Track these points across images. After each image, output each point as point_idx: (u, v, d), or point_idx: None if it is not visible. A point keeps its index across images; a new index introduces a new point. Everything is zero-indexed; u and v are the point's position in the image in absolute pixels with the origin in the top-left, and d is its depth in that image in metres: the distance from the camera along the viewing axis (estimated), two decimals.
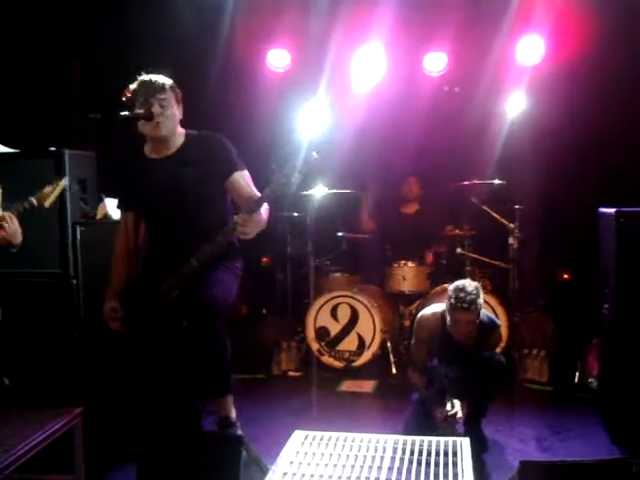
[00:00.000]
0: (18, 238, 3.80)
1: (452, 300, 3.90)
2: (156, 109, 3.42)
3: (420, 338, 4.19)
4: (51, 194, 3.80)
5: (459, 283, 3.96)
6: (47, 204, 3.79)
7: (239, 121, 5.97)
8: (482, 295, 3.94)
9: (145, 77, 3.51)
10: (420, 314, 4.28)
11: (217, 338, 3.40)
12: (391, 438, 2.84)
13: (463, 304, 3.84)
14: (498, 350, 4.24)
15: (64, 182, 3.87)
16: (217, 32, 5.94)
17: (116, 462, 3.72)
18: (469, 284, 3.93)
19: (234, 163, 3.55)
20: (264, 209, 3.36)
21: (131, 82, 3.56)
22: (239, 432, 3.42)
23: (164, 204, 3.51)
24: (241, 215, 3.24)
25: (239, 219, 3.23)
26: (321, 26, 5.91)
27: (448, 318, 3.97)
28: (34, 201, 3.76)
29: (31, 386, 3.91)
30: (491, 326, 4.08)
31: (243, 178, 3.56)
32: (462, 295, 3.86)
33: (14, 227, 3.72)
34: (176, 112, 3.54)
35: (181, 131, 3.61)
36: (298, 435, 2.86)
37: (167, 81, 3.53)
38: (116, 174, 3.80)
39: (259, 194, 3.38)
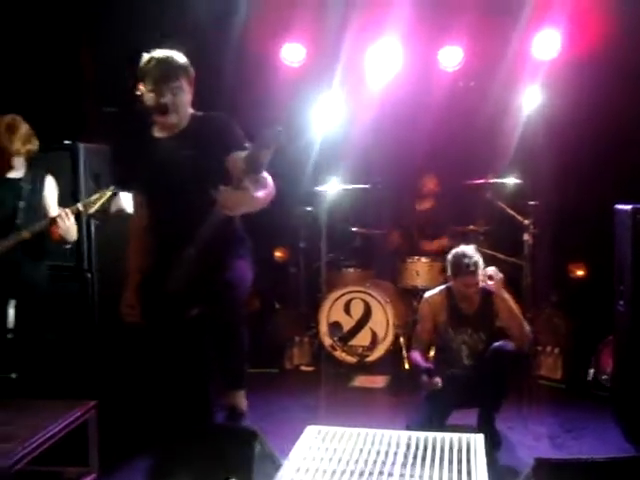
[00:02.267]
0: (73, 235, 3.84)
1: (456, 266, 4.12)
2: (168, 98, 3.33)
3: (424, 315, 4.34)
4: (97, 202, 3.83)
5: (458, 250, 4.19)
6: (91, 211, 3.82)
7: (253, 115, 5.95)
8: (479, 256, 4.16)
9: (157, 55, 3.34)
10: (425, 296, 4.44)
11: (236, 334, 3.38)
12: (404, 434, 2.84)
13: (469, 268, 4.06)
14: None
15: (109, 192, 3.88)
16: (232, 24, 5.91)
17: (130, 455, 3.73)
18: (468, 248, 4.17)
19: (235, 141, 3.38)
20: (264, 191, 3.28)
21: (144, 74, 3.49)
22: (248, 424, 3.41)
23: (166, 186, 3.41)
24: (222, 189, 3.15)
25: (218, 194, 3.13)
26: (336, 20, 5.88)
27: (453, 285, 4.19)
28: (80, 207, 3.79)
29: (47, 378, 3.93)
30: (488, 292, 4.18)
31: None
32: (466, 260, 4.07)
33: (69, 224, 3.76)
34: (188, 96, 3.41)
35: (189, 112, 3.52)
36: (311, 430, 2.86)
37: (181, 63, 3.37)
38: (127, 155, 3.74)
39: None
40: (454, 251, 4.20)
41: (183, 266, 3.27)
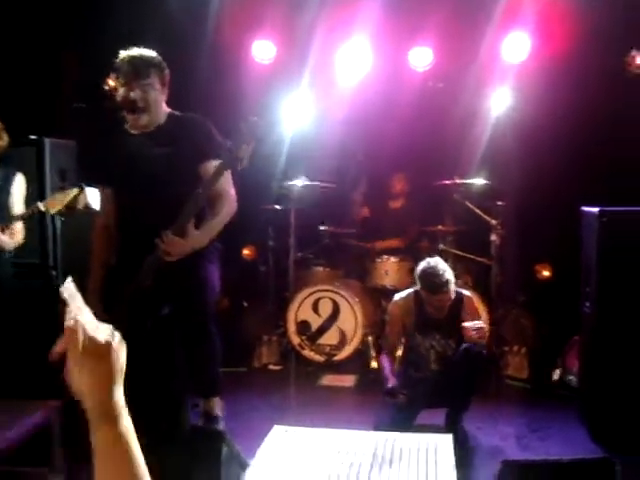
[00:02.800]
0: (8, 246, 3.77)
1: (427, 286, 4.02)
2: (137, 94, 3.29)
3: (393, 317, 4.31)
4: (61, 201, 3.75)
5: (427, 266, 4.06)
6: (53, 211, 3.74)
7: (223, 111, 5.91)
8: (449, 269, 4.08)
9: (131, 53, 3.35)
10: (393, 300, 4.39)
11: (209, 339, 3.36)
12: (372, 434, 2.83)
13: (441, 288, 3.98)
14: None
15: (75, 191, 3.80)
16: (203, 21, 5.88)
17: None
18: (437, 265, 4.04)
19: (211, 149, 3.38)
20: (227, 209, 3.28)
21: (112, 71, 3.46)
22: (221, 427, 3.39)
23: (136, 182, 3.36)
24: (197, 191, 3.14)
25: (196, 195, 3.12)
26: (307, 18, 5.86)
27: (424, 297, 4.10)
28: (41, 206, 3.71)
29: (9, 378, 3.86)
30: (458, 298, 4.15)
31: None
32: (437, 280, 3.98)
33: (3, 238, 3.70)
34: (160, 95, 3.38)
35: (165, 109, 3.48)
36: (278, 430, 2.84)
37: (153, 61, 3.36)
38: (96, 150, 3.68)
39: (230, 193, 3.32)
40: (423, 267, 4.09)
41: (153, 264, 3.22)
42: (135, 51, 3.36)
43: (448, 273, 4.02)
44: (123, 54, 3.35)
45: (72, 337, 1.13)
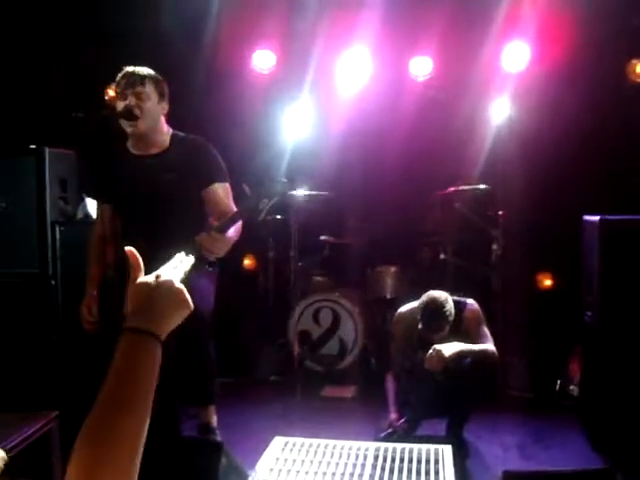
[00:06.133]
0: None
1: (426, 322, 3.95)
2: (132, 101, 3.33)
3: (397, 335, 4.28)
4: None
5: (430, 303, 3.96)
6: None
7: (223, 121, 5.93)
8: (451, 302, 3.97)
9: (128, 68, 3.43)
10: (397, 312, 4.36)
11: (203, 350, 3.36)
12: (372, 445, 2.81)
13: (438, 330, 3.94)
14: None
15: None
16: (202, 32, 5.88)
17: None
18: (440, 303, 3.93)
19: (216, 173, 3.49)
20: (234, 229, 3.30)
21: (113, 80, 3.51)
22: (218, 439, 3.38)
23: (140, 204, 3.43)
24: (204, 236, 3.16)
25: (203, 240, 3.15)
26: (307, 28, 5.88)
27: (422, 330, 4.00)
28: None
29: (7, 388, 3.84)
30: (459, 311, 4.08)
31: (223, 190, 3.50)
32: (435, 324, 3.93)
33: None
34: (158, 107, 3.44)
35: (167, 130, 3.53)
36: (278, 441, 2.81)
37: (149, 72, 3.44)
38: (97, 166, 3.72)
39: (233, 210, 3.34)
40: (426, 302, 3.98)
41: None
42: (129, 68, 3.44)
43: (450, 314, 3.95)
44: (119, 75, 3.42)
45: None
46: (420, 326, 3.99)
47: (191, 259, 1.51)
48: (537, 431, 4.51)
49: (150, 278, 1.39)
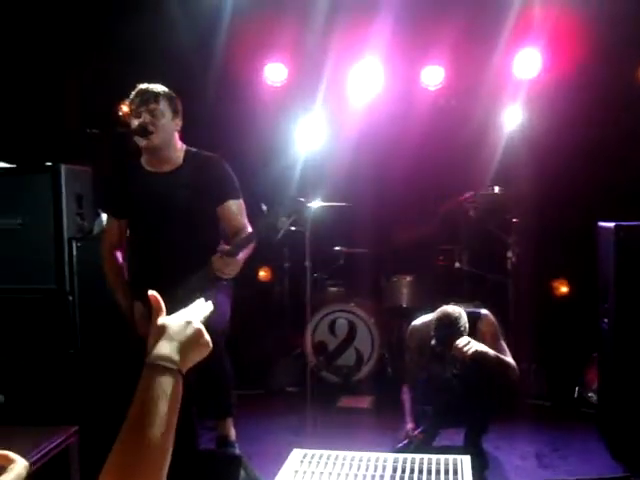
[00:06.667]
0: None
1: (439, 339, 3.88)
2: (146, 118, 3.37)
3: (412, 347, 4.25)
4: None
5: (444, 318, 3.89)
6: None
7: (236, 134, 5.97)
8: (465, 317, 3.91)
9: (142, 85, 3.47)
10: (411, 325, 4.33)
11: (218, 364, 3.38)
12: (391, 456, 2.81)
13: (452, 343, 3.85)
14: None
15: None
16: (214, 46, 5.93)
17: None
18: (455, 319, 3.86)
19: (230, 190, 3.53)
20: (247, 250, 3.33)
21: (127, 96, 3.55)
22: (237, 452, 3.39)
23: (155, 220, 3.47)
24: (217, 259, 3.20)
25: (216, 263, 3.19)
26: (318, 40, 5.91)
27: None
28: None
29: (26, 404, 3.87)
30: (473, 323, 4.02)
31: (236, 207, 3.53)
32: (449, 340, 3.85)
33: None
34: (171, 123, 3.47)
35: (180, 147, 3.56)
36: (296, 454, 2.82)
37: (162, 90, 3.47)
38: (112, 182, 3.77)
39: (248, 229, 3.37)
40: (440, 318, 3.93)
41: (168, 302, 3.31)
42: (143, 85, 3.47)
43: (465, 329, 3.88)
44: (133, 92, 3.45)
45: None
46: (433, 342, 3.94)
47: (210, 305, 1.57)
48: (555, 440, 4.49)
49: (172, 320, 1.48)
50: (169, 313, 1.51)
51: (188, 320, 1.49)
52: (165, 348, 1.42)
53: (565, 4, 5.50)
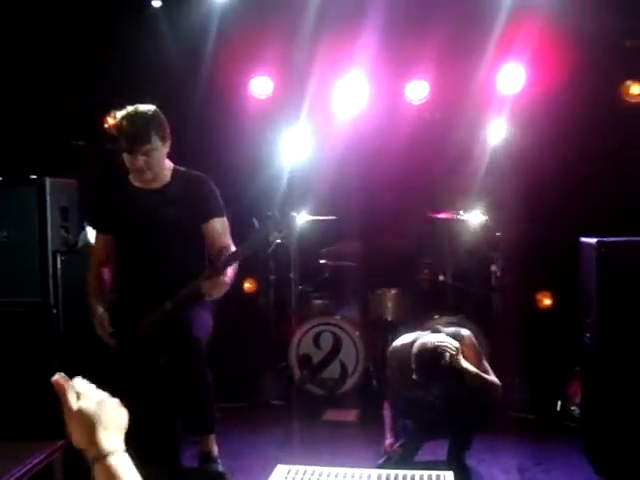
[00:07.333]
0: None
1: (421, 377, 3.81)
2: (142, 160, 3.38)
3: (393, 367, 4.21)
4: None
5: (425, 354, 3.77)
6: None
7: (222, 147, 5.99)
8: (449, 351, 3.79)
9: (130, 112, 3.42)
10: (391, 346, 4.28)
11: (201, 378, 3.39)
12: (374, 472, 2.82)
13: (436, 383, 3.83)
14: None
15: None
16: (201, 59, 5.96)
17: None
18: (436, 357, 3.73)
19: (215, 208, 3.57)
20: (233, 271, 3.36)
21: (113, 109, 3.54)
22: (220, 468, 3.39)
23: (142, 237, 3.50)
24: (202, 280, 3.25)
25: (201, 284, 3.23)
26: (304, 54, 5.94)
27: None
28: None
29: (10, 418, 3.85)
30: (457, 337, 3.95)
31: (220, 225, 3.56)
32: (432, 379, 3.82)
33: None
34: (162, 151, 3.47)
35: (168, 165, 3.58)
36: (280, 470, 2.82)
37: (152, 119, 3.42)
38: (99, 197, 3.77)
39: (231, 247, 3.39)
40: (420, 353, 3.79)
41: (155, 316, 3.33)
42: (133, 110, 3.42)
43: (446, 364, 3.72)
44: (122, 115, 3.42)
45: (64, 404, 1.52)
46: (415, 376, 3.84)
47: (101, 394, 1.56)
48: (538, 453, 4.49)
49: (86, 404, 1.50)
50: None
51: (99, 400, 1.52)
52: (113, 441, 1.46)
53: (549, 20, 5.56)
